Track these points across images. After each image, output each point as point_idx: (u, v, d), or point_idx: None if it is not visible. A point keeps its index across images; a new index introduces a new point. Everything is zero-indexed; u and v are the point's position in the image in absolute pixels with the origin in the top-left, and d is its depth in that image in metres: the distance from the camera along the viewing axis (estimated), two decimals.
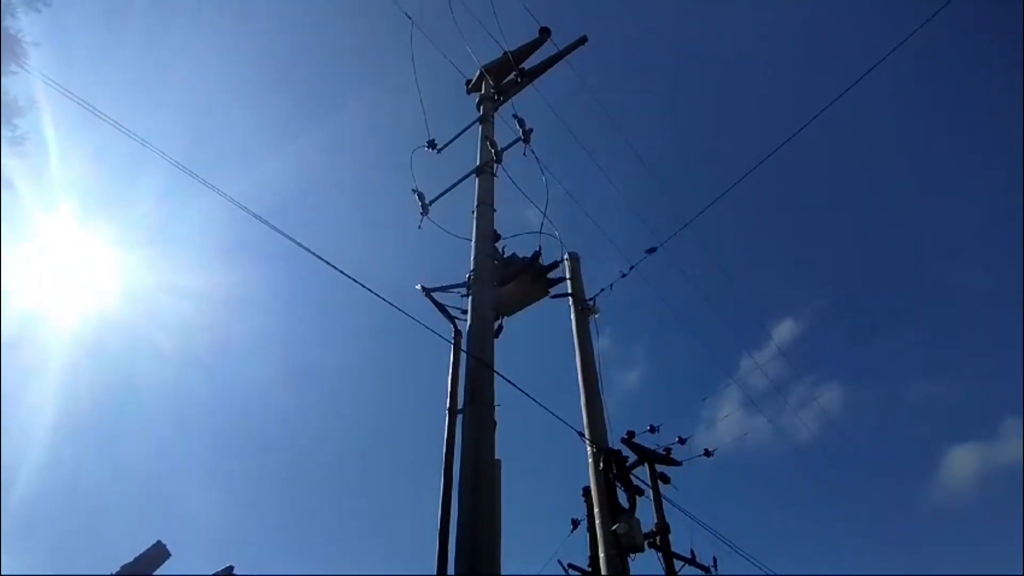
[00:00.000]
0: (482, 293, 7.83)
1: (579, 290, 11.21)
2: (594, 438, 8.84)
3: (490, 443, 6.38)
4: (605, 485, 8.27)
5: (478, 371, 6.90)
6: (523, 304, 9.13)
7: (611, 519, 7.97)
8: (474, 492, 5.93)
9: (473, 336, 7.32)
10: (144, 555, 3.33)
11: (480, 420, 6.47)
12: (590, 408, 9.30)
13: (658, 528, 14.70)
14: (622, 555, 7.78)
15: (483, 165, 9.66)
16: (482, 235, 8.58)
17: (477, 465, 6.14)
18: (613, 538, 7.79)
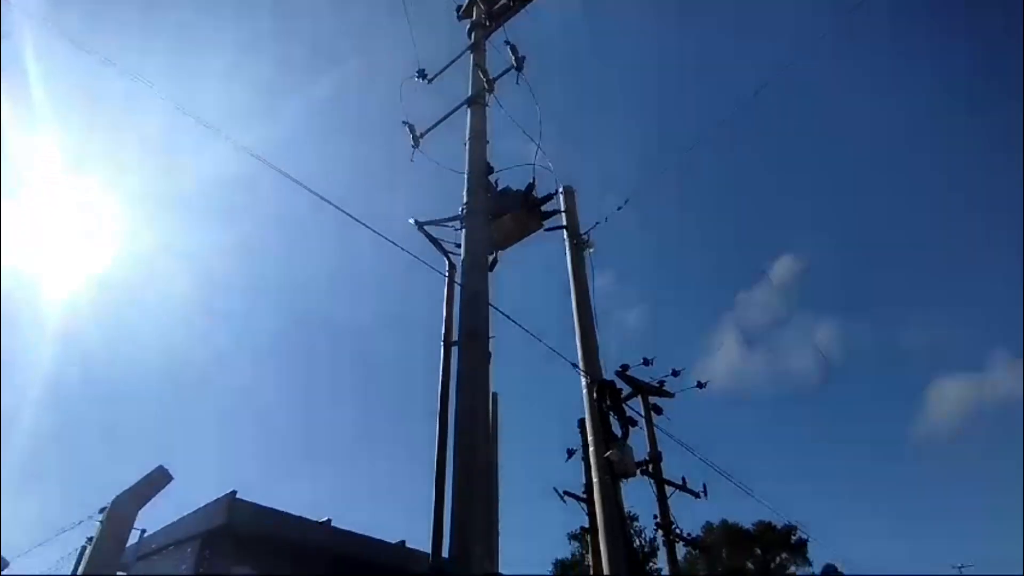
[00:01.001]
0: (476, 226, 7.74)
1: (574, 223, 11.11)
2: (589, 370, 8.97)
3: (485, 375, 6.46)
4: (599, 415, 8.45)
5: (472, 304, 6.91)
6: (517, 237, 9.04)
7: (605, 447, 8.19)
8: (471, 422, 6.05)
9: (467, 269, 7.29)
10: (146, 478, 3.39)
11: (475, 352, 6.53)
12: (585, 340, 9.39)
13: (650, 456, 15.19)
14: (615, 480, 8.04)
15: (475, 95, 9.35)
16: (475, 168, 8.41)
17: (473, 396, 6.23)
18: (606, 465, 8.03)
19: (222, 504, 4.81)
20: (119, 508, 3.18)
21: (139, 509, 3.25)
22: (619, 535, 7.75)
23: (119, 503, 3.19)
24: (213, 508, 4.89)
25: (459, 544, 5.32)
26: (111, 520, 3.14)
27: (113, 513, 3.16)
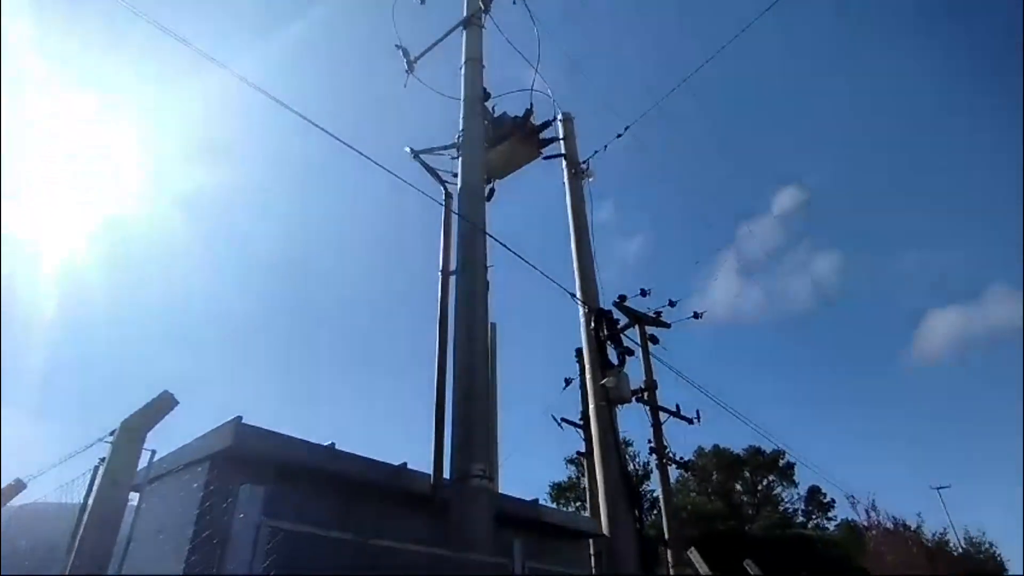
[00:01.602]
0: (472, 154, 7.59)
1: (572, 151, 10.88)
2: (586, 299, 9.03)
3: (483, 304, 6.50)
4: (596, 343, 8.57)
5: (469, 233, 6.86)
6: (515, 166, 8.90)
7: (601, 374, 8.35)
8: (469, 348, 6.14)
9: (464, 198, 7.20)
10: (152, 403, 3.46)
11: (473, 281, 6.54)
12: (582, 270, 9.40)
13: (646, 384, 15.57)
14: (611, 406, 8.25)
15: (470, 16, 8.95)
16: (471, 94, 8.15)
17: (471, 324, 6.29)
18: (603, 391, 8.21)
19: (228, 428, 4.93)
20: (128, 430, 3.26)
21: (147, 431, 3.33)
22: (614, 458, 8.03)
23: (127, 425, 3.27)
24: (219, 432, 5.01)
25: (460, 465, 5.51)
26: (121, 441, 3.22)
27: (122, 435, 3.24)
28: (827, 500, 48.46)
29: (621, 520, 7.60)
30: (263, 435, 5.08)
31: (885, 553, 24.79)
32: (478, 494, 5.34)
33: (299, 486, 5.21)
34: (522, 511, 7.06)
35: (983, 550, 44.10)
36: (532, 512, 7.28)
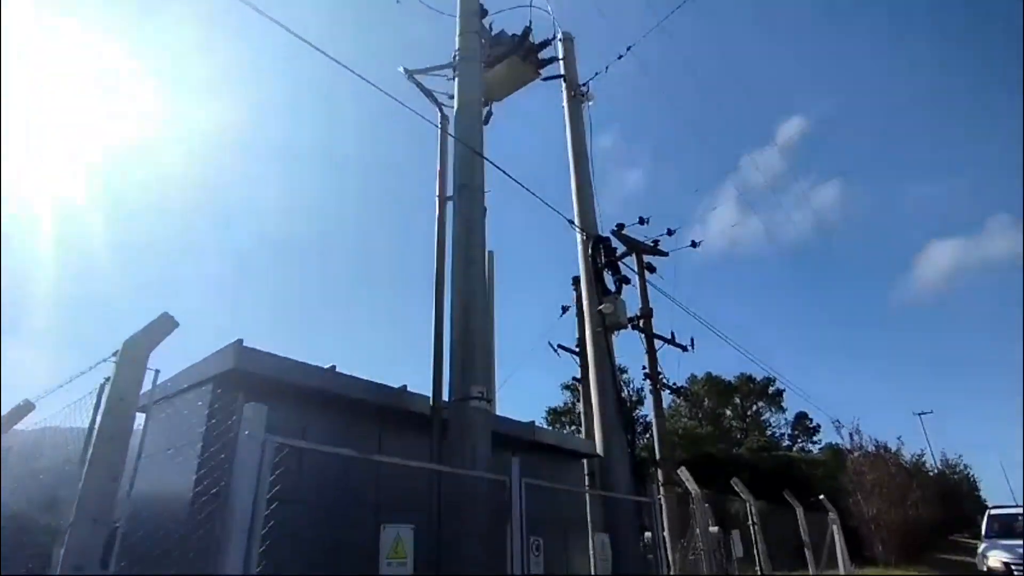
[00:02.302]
0: (469, 74, 7.32)
1: (572, 74, 10.51)
2: (584, 225, 8.97)
3: (480, 228, 6.45)
4: (593, 270, 8.58)
5: (466, 157, 6.72)
6: (512, 87, 8.60)
7: (598, 301, 8.42)
8: (467, 275, 6.14)
9: (460, 120, 7.00)
10: (152, 325, 3.47)
11: (470, 206, 6.47)
12: (580, 196, 9.29)
13: (642, 312, 15.73)
14: (607, 332, 8.36)
15: None
16: (467, 7, 7.77)
17: (469, 249, 6.26)
18: (599, 317, 8.30)
19: (229, 350, 4.99)
20: (130, 349, 3.29)
21: (149, 351, 3.36)
22: (609, 382, 8.21)
23: (130, 344, 3.30)
24: (221, 354, 5.07)
25: (459, 387, 5.63)
26: (124, 360, 3.26)
27: (125, 354, 3.27)
28: (813, 425, 50.24)
29: (615, 441, 7.86)
30: (265, 357, 5.14)
31: (865, 473, 25.92)
32: (477, 414, 5.48)
33: (302, 407, 5.33)
34: (519, 432, 7.29)
35: (958, 471, 46.25)
36: (529, 433, 7.51)
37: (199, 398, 5.00)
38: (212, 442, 4.23)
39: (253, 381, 4.91)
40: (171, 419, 5.17)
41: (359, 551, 5.21)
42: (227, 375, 4.89)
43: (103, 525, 2.89)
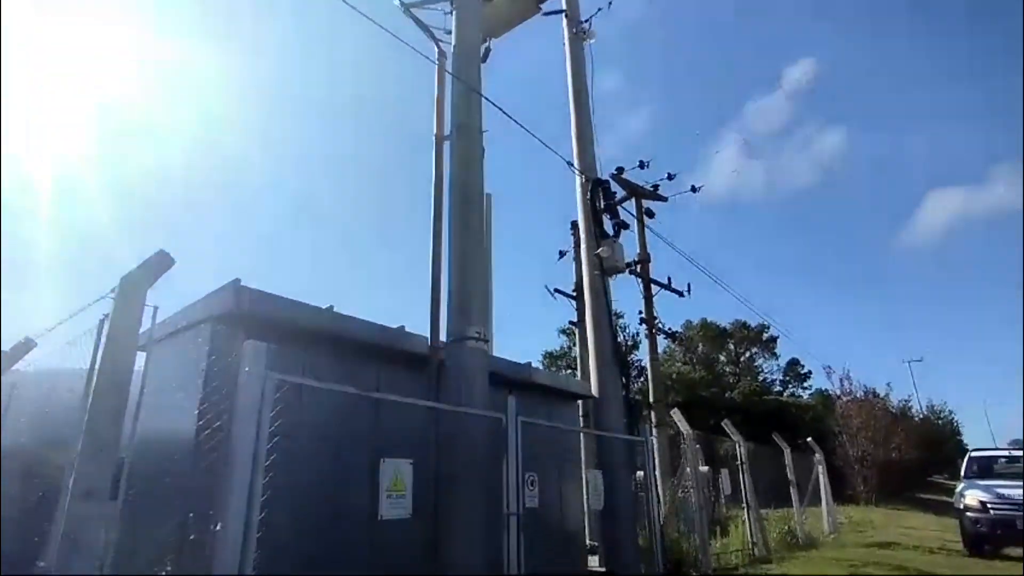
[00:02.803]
0: (467, 7, 7.04)
1: (573, 9, 10.11)
2: (583, 168, 8.85)
3: (478, 169, 6.35)
4: (592, 213, 8.52)
5: (464, 95, 6.55)
6: (512, 22, 8.30)
7: (596, 245, 8.39)
8: (464, 214, 6.09)
9: (458, 57, 6.78)
10: (147, 263, 3.45)
11: (467, 145, 6.35)
12: (580, 138, 9.12)
13: (640, 257, 15.75)
14: (604, 275, 8.38)
15: None
16: None
17: (466, 189, 6.19)
18: (597, 261, 8.30)
19: (227, 290, 4.98)
20: (128, 286, 3.29)
21: (147, 287, 3.37)
22: (606, 325, 8.29)
23: (127, 281, 3.30)
24: (218, 294, 5.08)
25: (456, 328, 5.67)
26: (122, 296, 3.26)
27: (123, 290, 3.27)
28: (804, 371, 51.20)
29: (609, 382, 8.00)
30: (262, 297, 5.15)
31: (852, 417, 26.65)
32: (474, 355, 5.56)
33: (300, 347, 5.38)
34: (515, 372, 7.40)
35: (942, 417, 47.53)
36: (525, 373, 7.63)
37: (198, 337, 5.03)
38: (213, 378, 4.28)
39: (252, 321, 4.93)
40: (171, 358, 5.22)
41: (359, 485, 5.38)
42: (226, 315, 4.91)
43: (110, 454, 2.96)
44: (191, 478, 4.16)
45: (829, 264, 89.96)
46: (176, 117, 47.60)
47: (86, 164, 30.64)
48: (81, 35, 29.09)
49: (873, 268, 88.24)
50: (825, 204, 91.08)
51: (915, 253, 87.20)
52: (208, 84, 53.83)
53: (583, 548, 8.65)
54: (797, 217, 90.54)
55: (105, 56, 32.73)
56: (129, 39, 35.44)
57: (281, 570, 4.57)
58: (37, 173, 22.70)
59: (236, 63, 52.88)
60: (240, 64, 53.80)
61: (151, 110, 47.31)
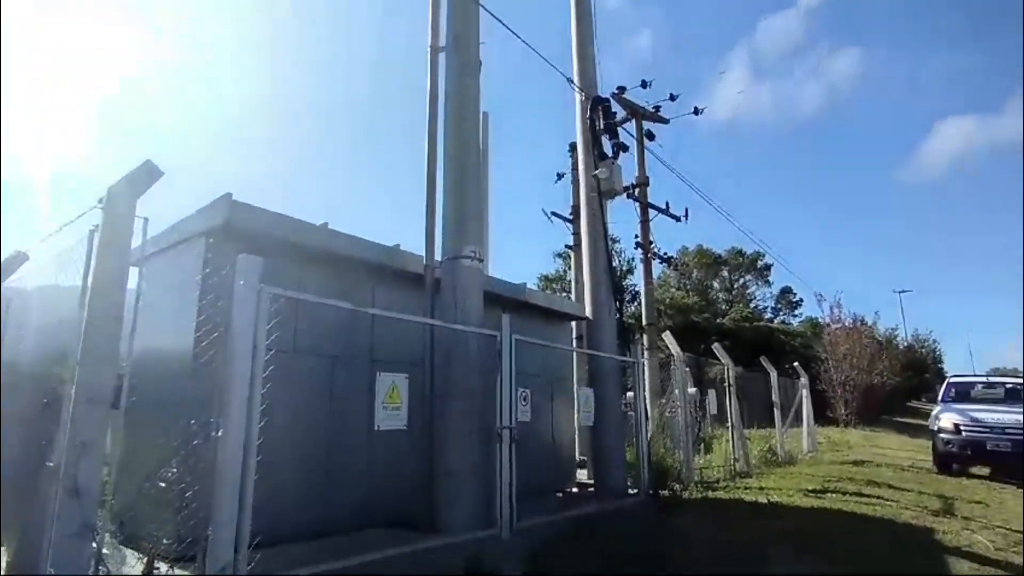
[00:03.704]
0: None
1: None
2: (584, 86, 8.55)
3: (475, 82, 6.13)
4: (591, 132, 8.31)
5: (460, 4, 6.22)
6: None
7: (594, 166, 8.24)
8: (460, 131, 5.93)
9: None
10: (134, 173, 3.37)
11: (464, 58, 6.09)
12: (581, 55, 8.76)
13: (638, 180, 15.54)
14: (601, 197, 8.28)
15: None
16: None
17: (462, 104, 5.99)
18: (595, 182, 8.18)
19: (220, 204, 4.91)
20: (116, 196, 3.23)
21: (136, 197, 3.31)
22: (601, 247, 8.27)
23: (115, 191, 3.23)
24: (211, 209, 5.01)
25: (452, 246, 5.65)
26: (111, 206, 3.21)
27: (111, 200, 3.22)
28: (796, 299, 51.88)
29: (603, 303, 8.08)
30: (256, 212, 5.09)
31: (840, 344, 27.26)
32: (469, 273, 5.57)
33: (295, 264, 5.38)
34: (510, 292, 7.46)
35: (925, 346, 48.68)
36: (519, 293, 7.70)
37: (192, 251, 5.01)
38: (209, 291, 4.29)
39: (245, 236, 4.89)
40: (165, 273, 5.22)
41: (357, 397, 5.53)
42: (218, 229, 4.86)
43: (110, 362, 3.01)
44: (191, 390, 4.26)
45: (829, 194, 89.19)
46: (166, 27, 45.31)
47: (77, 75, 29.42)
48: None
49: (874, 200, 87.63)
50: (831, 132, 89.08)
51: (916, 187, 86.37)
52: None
53: (573, 462, 9.04)
54: (801, 144, 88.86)
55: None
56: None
57: (282, 473, 4.77)
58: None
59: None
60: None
61: (143, 20, 44.96)
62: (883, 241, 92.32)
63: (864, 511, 7.18)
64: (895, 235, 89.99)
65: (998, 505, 8.02)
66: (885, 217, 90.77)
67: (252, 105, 72.55)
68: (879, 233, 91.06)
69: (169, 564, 3.31)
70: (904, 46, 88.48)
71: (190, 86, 64.43)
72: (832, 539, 5.84)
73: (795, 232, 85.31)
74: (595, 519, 6.20)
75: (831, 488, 8.78)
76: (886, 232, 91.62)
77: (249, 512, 3.34)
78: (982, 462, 11.22)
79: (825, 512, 7.18)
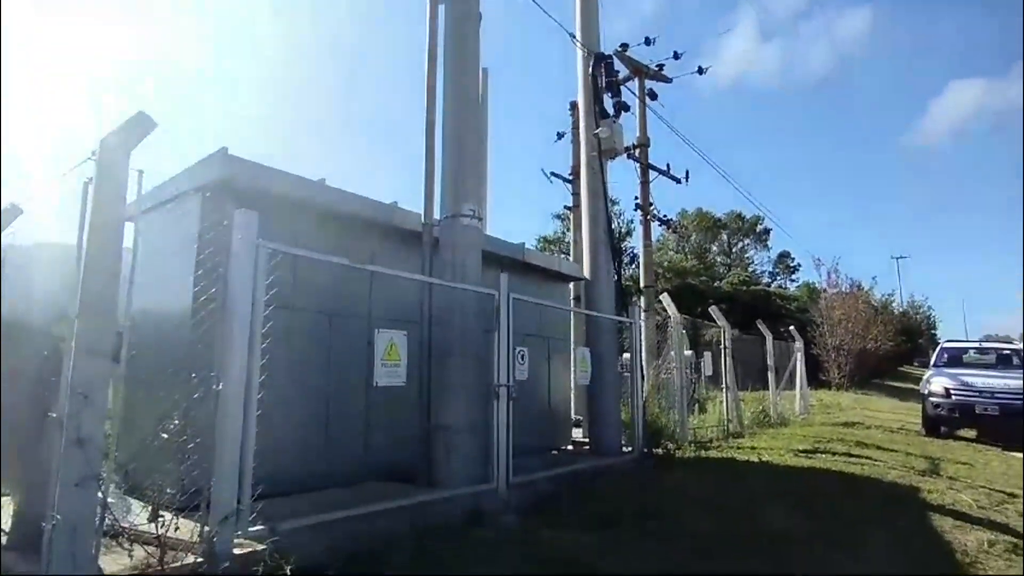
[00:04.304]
0: None
1: None
2: (587, 42, 8.35)
3: (474, 36, 5.97)
4: (593, 90, 8.16)
5: None
6: None
7: (595, 124, 8.12)
8: (460, 85, 5.80)
9: None
10: (127, 124, 3.31)
11: (463, 9, 5.92)
12: (584, 10, 8.52)
13: (639, 141, 15.34)
14: (602, 157, 8.18)
15: None
16: None
17: (462, 56, 5.85)
18: (595, 141, 8.07)
19: (216, 159, 4.85)
20: (109, 148, 3.18)
21: (130, 148, 3.25)
22: (601, 208, 8.22)
23: (108, 142, 3.18)
24: (207, 163, 4.94)
25: (450, 204, 5.60)
26: (104, 156, 3.16)
27: (105, 151, 3.17)
28: (794, 264, 51.99)
29: (602, 264, 8.08)
30: (252, 167, 5.03)
31: (835, 309, 27.45)
32: (467, 231, 5.54)
33: (292, 220, 5.33)
34: (509, 252, 7.44)
35: (920, 312, 49.02)
36: (518, 253, 7.68)
37: (189, 207, 4.96)
38: (207, 246, 4.27)
39: (241, 192, 4.84)
40: (162, 229, 5.18)
41: (355, 354, 5.58)
42: (215, 185, 4.81)
43: (108, 316, 3.01)
44: (191, 344, 4.28)
45: (833, 158, 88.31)
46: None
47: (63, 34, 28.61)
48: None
49: (878, 165, 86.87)
50: (838, 95, 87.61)
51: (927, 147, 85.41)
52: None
53: (568, 421, 9.19)
54: (806, 107, 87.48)
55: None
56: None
57: (281, 428, 4.84)
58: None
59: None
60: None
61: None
62: (885, 206, 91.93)
63: (852, 470, 7.34)
64: (897, 203, 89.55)
65: (983, 466, 8.21)
66: (889, 182, 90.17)
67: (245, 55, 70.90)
68: (881, 198, 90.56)
69: (173, 513, 3.38)
70: (914, 5, 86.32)
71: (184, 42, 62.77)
72: (819, 496, 5.99)
73: (796, 196, 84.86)
74: (590, 475, 6.34)
75: (821, 448, 8.96)
76: (888, 200, 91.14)
77: (251, 463, 3.40)
78: (970, 425, 11.43)
79: (814, 471, 7.34)
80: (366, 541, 3.85)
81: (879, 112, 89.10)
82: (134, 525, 3.46)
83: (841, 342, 25.98)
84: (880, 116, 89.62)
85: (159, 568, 3.06)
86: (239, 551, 3.26)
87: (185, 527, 3.31)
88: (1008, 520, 5.32)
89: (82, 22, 34.67)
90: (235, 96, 71.97)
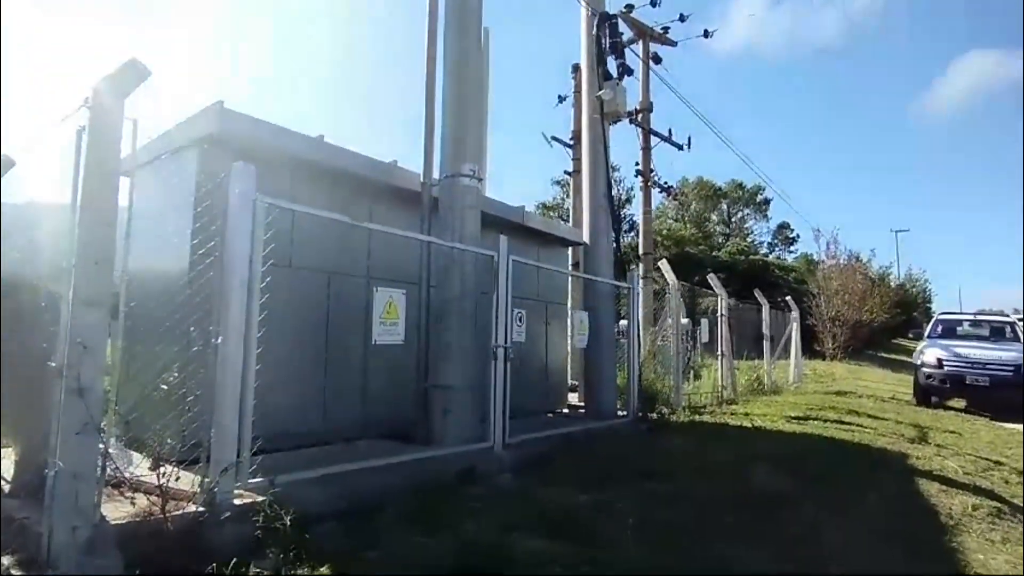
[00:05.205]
0: None
1: None
2: (590, 1, 8.14)
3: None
4: (596, 51, 7.99)
5: None
6: None
7: (598, 86, 7.98)
8: (461, 45, 5.68)
9: None
10: (119, 71, 3.24)
11: None
12: None
13: (642, 106, 15.11)
14: (604, 120, 8.07)
15: None
16: None
17: (463, 14, 5.71)
18: (597, 103, 7.94)
19: (211, 113, 4.76)
20: (102, 95, 3.11)
21: (123, 96, 3.19)
22: (602, 171, 8.13)
23: (100, 89, 3.11)
24: (202, 116, 4.85)
25: (450, 164, 5.54)
26: (98, 106, 3.09)
27: (97, 98, 3.10)
28: (793, 235, 51.83)
29: (601, 229, 8.04)
30: (249, 121, 4.94)
31: (833, 280, 27.51)
32: (467, 192, 5.49)
33: (290, 177, 5.28)
34: (508, 214, 7.39)
35: (917, 285, 49.20)
36: (518, 216, 7.63)
37: (185, 161, 4.89)
38: (204, 199, 4.22)
39: (237, 146, 4.77)
40: (157, 184, 5.11)
41: (354, 311, 5.58)
42: (211, 138, 4.73)
43: (106, 266, 2.98)
44: (190, 297, 4.26)
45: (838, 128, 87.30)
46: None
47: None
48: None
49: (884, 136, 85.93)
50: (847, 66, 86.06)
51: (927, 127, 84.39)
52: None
53: (564, 384, 9.27)
54: (814, 78, 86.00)
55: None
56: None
57: (280, 384, 4.87)
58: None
59: None
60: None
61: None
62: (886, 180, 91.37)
63: (843, 437, 7.45)
64: (899, 175, 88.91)
65: (971, 435, 8.34)
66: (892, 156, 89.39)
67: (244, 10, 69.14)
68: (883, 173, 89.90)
69: (174, 465, 3.42)
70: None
71: None
72: (809, 460, 6.09)
73: (799, 166, 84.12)
74: (585, 437, 6.42)
75: (813, 416, 9.08)
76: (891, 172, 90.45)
77: (250, 417, 3.43)
78: (959, 395, 11.58)
79: (805, 436, 7.45)
80: (363, 495, 3.92)
81: (889, 81, 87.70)
82: (135, 476, 3.50)
83: (837, 313, 26.10)
84: (890, 85, 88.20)
85: (161, 516, 3.11)
86: (239, 501, 3.31)
87: (186, 479, 3.35)
88: (993, 486, 5.43)
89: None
90: (234, 57, 70.47)
